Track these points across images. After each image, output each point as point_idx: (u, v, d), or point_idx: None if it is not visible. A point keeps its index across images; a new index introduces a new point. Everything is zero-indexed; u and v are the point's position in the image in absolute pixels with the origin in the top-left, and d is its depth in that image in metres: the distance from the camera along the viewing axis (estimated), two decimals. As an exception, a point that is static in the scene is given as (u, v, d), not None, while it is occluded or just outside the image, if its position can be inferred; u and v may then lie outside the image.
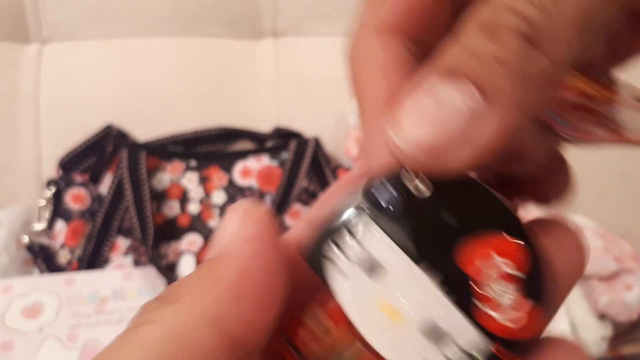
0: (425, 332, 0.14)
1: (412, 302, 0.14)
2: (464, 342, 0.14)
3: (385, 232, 0.15)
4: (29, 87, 0.67)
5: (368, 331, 0.15)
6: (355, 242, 0.15)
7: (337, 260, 0.15)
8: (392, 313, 0.15)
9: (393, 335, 0.15)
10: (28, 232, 0.58)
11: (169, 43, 0.71)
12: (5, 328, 0.50)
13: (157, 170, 0.63)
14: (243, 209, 0.15)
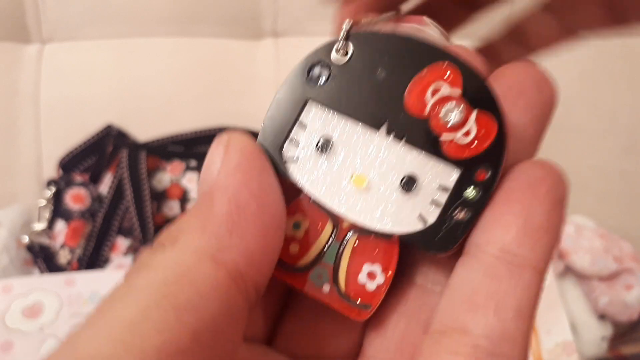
0: (401, 187, 0.15)
1: (375, 165, 0.15)
2: (439, 180, 0.14)
3: (327, 108, 0.15)
4: (29, 87, 0.67)
5: (340, 206, 0.15)
6: (306, 131, 0.15)
7: (295, 155, 0.15)
8: (358, 181, 0.15)
9: (371, 201, 0.15)
10: (28, 232, 0.58)
11: (169, 43, 0.71)
12: (6, 328, 0.50)
13: (157, 170, 0.63)
14: (225, 140, 0.15)
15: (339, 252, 0.15)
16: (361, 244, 0.15)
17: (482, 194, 0.14)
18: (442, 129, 0.14)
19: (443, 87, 0.14)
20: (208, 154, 0.15)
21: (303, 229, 0.16)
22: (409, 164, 0.15)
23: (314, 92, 0.15)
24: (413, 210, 0.15)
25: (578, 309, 0.57)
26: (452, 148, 0.14)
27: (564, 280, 0.59)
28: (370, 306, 0.15)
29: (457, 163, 0.15)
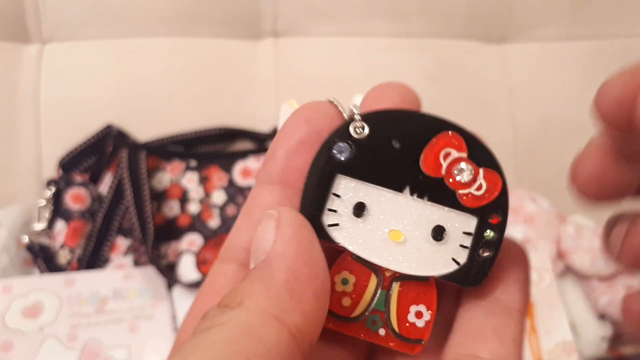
0: (431, 237, 0.17)
1: (406, 221, 0.17)
2: (462, 227, 0.17)
3: (359, 179, 0.17)
4: (29, 87, 0.67)
5: (384, 260, 0.17)
6: (340, 200, 0.17)
7: (334, 221, 0.17)
8: (394, 236, 0.17)
9: (409, 252, 0.17)
10: (28, 232, 0.58)
11: (169, 43, 0.71)
12: (5, 328, 0.50)
13: (157, 170, 0.63)
14: (276, 215, 0.17)
15: (387, 299, 0.18)
16: (404, 289, 0.18)
17: (498, 234, 0.17)
18: (458, 185, 0.17)
19: (452, 152, 0.17)
20: (260, 226, 0.17)
21: (351, 283, 0.18)
22: (435, 216, 0.17)
23: (341, 167, 0.18)
24: (446, 255, 0.18)
25: (578, 309, 0.57)
26: (469, 200, 0.17)
27: (564, 280, 0.59)
28: (422, 340, 0.18)
29: (474, 212, 0.17)
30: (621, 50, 0.75)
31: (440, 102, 0.73)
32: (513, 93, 0.74)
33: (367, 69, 0.72)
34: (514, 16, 0.74)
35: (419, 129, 0.17)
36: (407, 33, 0.73)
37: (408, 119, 0.18)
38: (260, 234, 0.17)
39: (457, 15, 0.74)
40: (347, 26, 0.73)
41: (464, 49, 0.75)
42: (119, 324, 0.53)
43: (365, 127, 0.18)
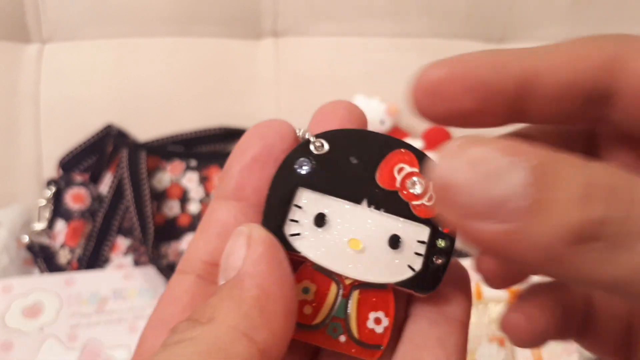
0: (388, 246, 0.18)
1: (364, 231, 0.18)
2: (416, 236, 0.19)
3: (319, 192, 0.19)
4: (29, 87, 0.67)
5: (344, 268, 0.18)
6: (302, 211, 0.18)
7: (296, 231, 0.18)
8: (353, 245, 0.18)
9: (367, 260, 0.18)
10: (28, 232, 0.58)
11: (169, 43, 0.71)
12: (5, 328, 0.50)
13: (157, 170, 0.63)
14: (247, 232, 0.17)
15: (346, 307, 0.19)
16: (363, 296, 0.19)
17: (449, 243, 0.19)
18: (411, 197, 0.19)
19: (405, 167, 0.19)
20: (229, 243, 0.17)
21: (312, 292, 0.19)
22: (391, 226, 0.18)
23: (302, 180, 0.19)
24: (402, 262, 0.18)
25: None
26: (422, 211, 0.19)
27: (564, 280, 0.59)
28: (381, 346, 0.19)
29: (427, 222, 0.19)
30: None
31: (440, 102, 0.73)
32: (513, 93, 0.74)
33: (367, 69, 0.72)
34: (514, 16, 0.74)
35: (375, 146, 0.19)
36: (407, 33, 0.73)
37: (364, 138, 0.19)
38: (230, 249, 0.17)
39: (457, 15, 0.74)
40: (347, 26, 0.73)
41: (464, 49, 0.74)
42: (119, 323, 0.53)
43: (325, 144, 0.19)
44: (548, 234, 0.12)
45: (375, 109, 0.67)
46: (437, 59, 0.19)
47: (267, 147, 0.19)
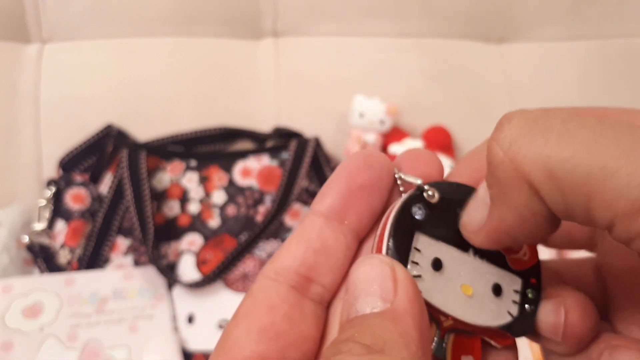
0: (492, 293, 0.21)
1: (473, 277, 0.20)
2: (512, 286, 0.21)
3: (434, 237, 0.20)
4: (29, 87, 0.67)
5: (457, 312, 0.20)
6: (421, 254, 0.20)
7: (417, 273, 0.20)
8: (466, 290, 0.20)
9: (476, 305, 0.20)
10: (28, 232, 0.58)
11: (169, 43, 0.71)
12: (6, 328, 0.50)
13: (157, 170, 0.63)
14: (391, 265, 0.18)
15: (444, 348, 0.20)
16: (457, 340, 0.20)
17: (537, 293, 0.21)
18: (508, 251, 0.21)
19: None
20: (368, 269, 0.18)
21: None
22: (492, 275, 0.21)
23: (419, 225, 0.20)
24: (503, 308, 0.21)
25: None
26: (516, 264, 0.21)
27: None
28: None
29: (520, 273, 0.21)
30: (621, 50, 0.75)
31: (440, 102, 0.73)
32: (513, 93, 0.74)
33: (367, 69, 0.72)
34: (514, 16, 0.74)
35: None
36: (408, 33, 0.73)
37: (468, 192, 0.21)
38: (374, 276, 0.18)
39: (457, 16, 0.74)
40: (348, 26, 0.73)
41: (464, 49, 0.75)
42: (119, 323, 0.53)
43: (436, 193, 0.21)
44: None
45: (375, 109, 0.67)
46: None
47: (374, 178, 0.20)
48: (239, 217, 0.62)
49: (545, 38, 0.75)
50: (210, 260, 0.59)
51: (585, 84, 0.74)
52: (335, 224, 0.20)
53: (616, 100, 0.74)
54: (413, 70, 0.73)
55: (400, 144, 0.68)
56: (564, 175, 0.16)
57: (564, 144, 0.16)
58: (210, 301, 0.57)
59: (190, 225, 0.61)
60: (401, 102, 0.70)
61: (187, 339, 0.55)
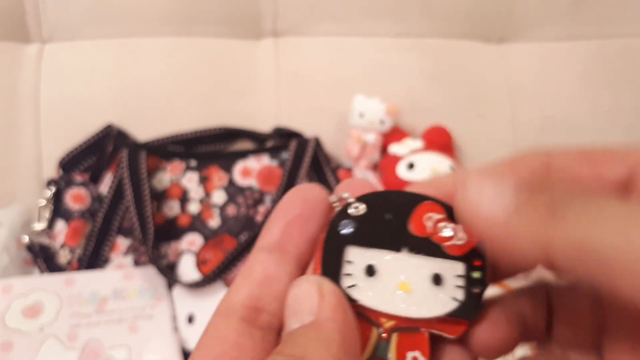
0: (432, 283, 0.21)
1: (409, 274, 0.21)
2: (454, 272, 0.21)
3: (364, 246, 0.21)
4: (29, 87, 0.67)
5: (397, 310, 0.21)
6: (353, 265, 0.21)
7: (352, 283, 0.21)
8: (403, 287, 0.21)
9: (417, 299, 0.21)
10: (28, 232, 0.58)
11: (169, 43, 0.71)
12: (6, 328, 0.50)
13: (157, 170, 0.63)
14: (317, 283, 0.20)
15: (386, 348, 0.21)
16: (402, 338, 0.21)
17: (482, 274, 0.21)
18: (442, 239, 0.21)
19: (433, 215, 0.21)
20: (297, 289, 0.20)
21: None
22: (431, 267, 0.21)
23: (348, 239, 0.21)
24: (447, 295, 0.21)
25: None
26: (454, 250, 0.21)
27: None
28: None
29: (460, 258, 0.21)
30: (621, 50, 0.75)
31: (440, 102, 0.73)
32: (513, 93, 0.74)
33: (367, 69, 0.72)
34: (514, 16, 0.74)
35: (404, 202, 0.22)
36: (408, 33, 0.73)
37: (394, 197, 0.22)
38: (302, 295, 0.19)
39: (457, 16, 0.74)
40: (348, 26, 0.73)
41: (464, 49, 0.75)
42: (119, 323, 0.53)
43: (361, 206, 0.22)
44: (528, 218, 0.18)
45: (375, 109, 0.67)
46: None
47: (309, 208, 0.22)
48: (239, 217, 0.62)
49: (545, 38, 0.75)
50: (210, 260, 0.59)
51: (585, 84, 0.74)
52: (277, 256, 0.21)
53: (616, 100, 0.74)
54: (413, 70, 0.73)
55: (400, 144, 0.68)
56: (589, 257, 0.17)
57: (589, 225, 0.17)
58: (210, 301, 0.57)
59: (190, 225, 0.61)
60: (401, 102, 0.70)
61: (187, 339, 0.55)
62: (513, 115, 0.73)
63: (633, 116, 0.74)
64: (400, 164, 0.66)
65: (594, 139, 0.73)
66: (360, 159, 0.68)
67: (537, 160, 0.22)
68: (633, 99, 0.74)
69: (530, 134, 0.73)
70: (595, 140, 0.73)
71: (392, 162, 0.67)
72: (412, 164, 0.65)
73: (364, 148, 0.67)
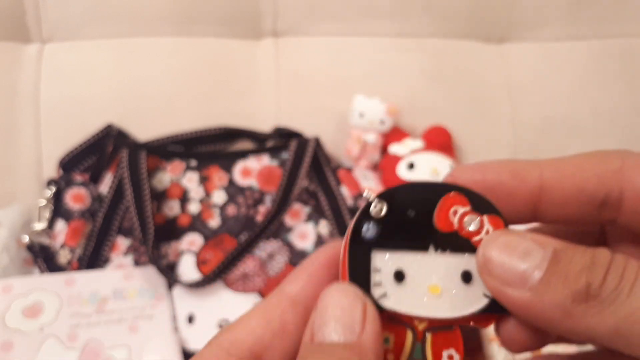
0: (462, 281, 0.21)
1: (438, 274, 0.21)
2: None
3: (390, 250, 0.21)
4: (29, 87, 0.67)
5: (429, 312, 0.20)
6: (380, 273, 0.21)
7: (382, 292, 0.20)
8: (433, 290, 0.21)
9: (448, 300, 0.20)
10: (28, 232, 0.58)
11: (169, 43, 0.71)
12: (6, 328, 0.50)
13: (158, 170, 0.63)
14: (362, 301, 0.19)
15: (423, 349, 0.21)
16: (435, 338, 0.21)
17: None
18: (470, 234, 0.21)
19: (459, 208, 0.21)
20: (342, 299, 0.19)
21: (391, 341, 0.21)
22: (460, 264, 0.21)
23: (372, 243, 0.21)
24: (478, 292, 0.21)
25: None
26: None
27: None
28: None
29: None
30: (621, 50, 0.75)
31: (440, 102, 0.73)
32: (513, 93, 0.74)
33: (368, 69, 0.72)
34: (514, 16, 0.74)
35: (427, 196, 0.21)
36: (408, 33, 0.73)
37: (416, 191, 0.21)
38: (347, 307, 0.19)
39: (457, 16, 0.74)
40: (348, 26, 0.73)
41: (464, 49, 0.75)
42: (119, 323, 0.53)
43: (383, 204, 0.21)
44: (560, 295, 0.18)
45: (375, 109, 0.67)
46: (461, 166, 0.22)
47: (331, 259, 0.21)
48: (239, 217, 0.62)
49: (545, 38, 0.75)
50: (210, 260, 0.59)
51: (585, 84, 0.74)
52: (300, 309, 0.20)
53: (616, 100, 0.74)
54: (413, 70, 0.73)
55: (401, 144, 0.68)
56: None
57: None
58: (211, 301, 0.57)
59: (191, 225, 0.61)
60: (401, 102, 0.70)
61: (187, 339, 0.55)
62: (513, 115, 0.73)
63: (633, 116, 0.74)
64: (401, 164, 0.66)
65: (593, 139, 0.73)
66: (360, 159, 0.68)
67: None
68: (633, 99, 0.74)
69: (530, 134, 0.73)
70: (595, 140, 0.73)
71: (392, 162, 0.67)
72: (412, 164, 0.65)
73: (364, 148, 0.68)
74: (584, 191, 0.20)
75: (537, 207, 0.21)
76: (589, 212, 0.21)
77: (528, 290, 0.18)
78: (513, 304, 0.19)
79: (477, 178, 0.21)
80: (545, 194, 0.21)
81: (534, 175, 0.21)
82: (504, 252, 0.19)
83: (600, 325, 0.17)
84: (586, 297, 0.17)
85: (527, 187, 0.21)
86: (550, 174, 0.21)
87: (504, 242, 0.19)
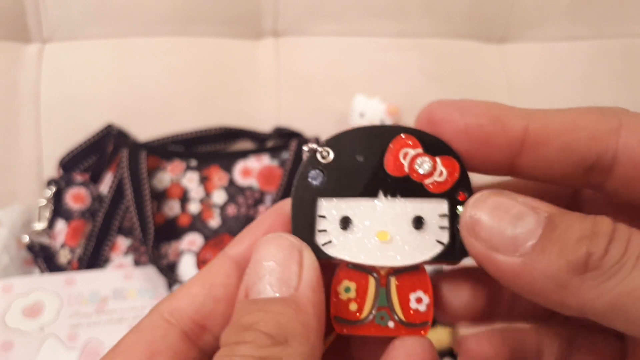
0: (413, 228, 0.19)
1: (388, 220, 0.19)
2: (437, 211, 0.20)
3: (337, 197, 0.20)
4: (29, 87, 0.67)
5: (379, 260, 0.19)
6: (326, 220, 0.20)
7: (327, 239, 0.19)
8: (382, 237, 0.19)
9: (398, 247, 0.19)
10: (28, 232, 0.58)
11: (169, 43, 0.71)
12: (6, 328, 0.50)
13: (158, 170, 0.63)
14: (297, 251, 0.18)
15: (388, 295, 0.20)
16: (401, 281, 0.20)
17: None
18: (422, 177, 0.19)
19: (409, 150, 0.20)
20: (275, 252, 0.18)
21: (353, 289, 0.20)
22: (411, 209, 0.20)
23: (319, 191, 0.20)
24: (430, 239, 0.20)
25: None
26: (435, 187, 0.20)
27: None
28: (428, 322, 0.20)
29: (443, 195, 0.20)
30: (621, 50, 0.75)
31: (440, 102, 0.73)
32: (513, 93, 0.74)
33: (368, 69, 0.72)
34: (514, 16, 0.74)
35: (376, 140, 0.20)
36: (408, 33, 0.73)
37: (364, 134, 0.20)
38: (280, 260, 0.18)
39: (457, 16, 0.74)
40: (348, 26, 0.73)
41: (464, 49, 0.75)
42: (119, 323, 0.53)
43: (330, 151, 0.20)
44: (555, 265, 0.16)
45: (375, 109, 0.67)
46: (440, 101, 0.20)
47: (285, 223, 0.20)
48: (239, 217, 0.62)
49: (545, 38, 0.75)
50: (211, 260, 0.59)
51: (586, 84, 0.74)
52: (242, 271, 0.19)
53: (616, 100, 0.74)
54: (413, 70, 0.73)
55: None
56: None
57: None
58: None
59: (191, 225, 0.61)
60: (401, 102, 0.70)
61: (187, 338, 0.55)
62: (513, 115, 0.74)
63: (633, 116, 0.74)
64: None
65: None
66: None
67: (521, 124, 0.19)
68: (633, 98, 0.74)
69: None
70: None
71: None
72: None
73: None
74: (574, 151, 0.19)
75: (515, 161, 0.19)
76: (574, 173, 0.19)
77: (519, 257, 0.16)
78: (501, 272, 0.17)
79: (454, 117, 0.19)
80: (528, 148, 0.19)
81: (518, 125, 0.19)
82: (494, 215, 0.17)
83: (596, 299, 0.16)
84: (584, 268, 0.16)
85: (507, 135, 0.19)
86: (538, 127, 0.19)
87: (495, 204, 0.18)
